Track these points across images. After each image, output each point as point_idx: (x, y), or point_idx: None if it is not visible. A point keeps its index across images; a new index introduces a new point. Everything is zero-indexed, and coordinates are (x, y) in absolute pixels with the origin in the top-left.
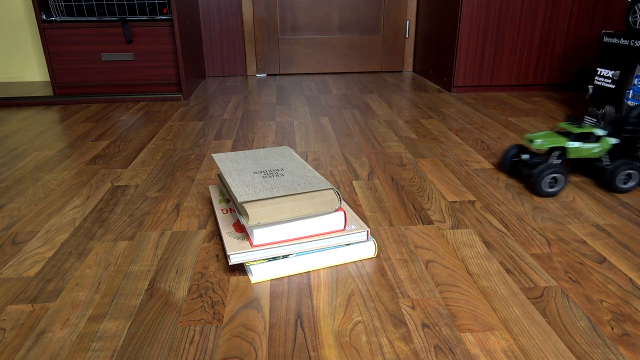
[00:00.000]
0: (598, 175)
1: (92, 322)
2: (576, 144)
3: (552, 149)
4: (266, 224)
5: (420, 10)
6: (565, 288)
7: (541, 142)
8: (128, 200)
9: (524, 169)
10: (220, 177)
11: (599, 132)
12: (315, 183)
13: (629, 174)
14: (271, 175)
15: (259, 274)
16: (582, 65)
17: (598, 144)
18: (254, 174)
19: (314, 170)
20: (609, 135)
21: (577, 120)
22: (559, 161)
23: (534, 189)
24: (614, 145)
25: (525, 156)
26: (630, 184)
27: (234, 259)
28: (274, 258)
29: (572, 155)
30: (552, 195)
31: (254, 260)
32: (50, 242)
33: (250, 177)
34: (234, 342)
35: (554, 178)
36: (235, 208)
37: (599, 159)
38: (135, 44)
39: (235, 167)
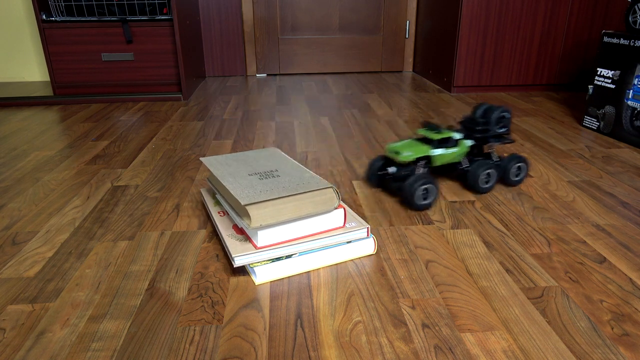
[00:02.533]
0: (460, 177)
1: (92, 322)
2: (440, 151)
3: (418, 159)
4: (268, 226)
5: (420, 10)
6: (565, 288)
7: (409, 153)
8: (128, 200)
9: (392, 183)
10: (210, 180)
11: (457, 135)
12: (314, 182)
13: (488, 173)
14: (267, 177)
15: (263, 275)
16: (582, 65)
17: (458, 148)
18: (249, 176)
19: (308, 170)
20: (465, 137)
21: (434, 126)
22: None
23: (408, 203)
24: (470, 147)
25: (391, 169)
26: (491, 183)
27: (238, 261)
28: (278, 258)
29: (437, 163)
30: (427, 207)
31: (258, 262)
32: (50, 242)
33: (247, 180)
34: (234, 342)
35: (426, 189)
36: (231, 211)
37: (459, 162)
38: (135, 44)
39: (228, 170)
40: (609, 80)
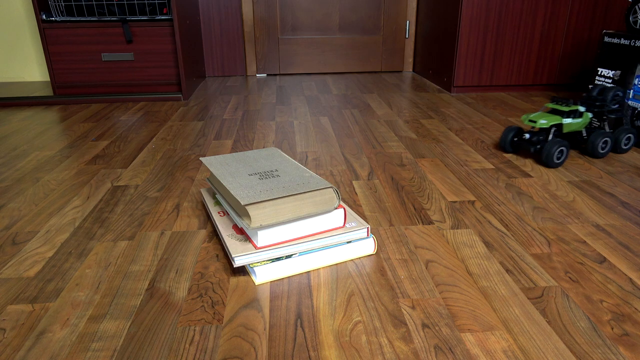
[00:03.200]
0: (577, 145)
1: (92, 322)
2: (569, 120)
3: (551, 126)
4: (268, 226)
5: (420, 10)
6: (565, 288)
7: (544, 121)
8: (128, 200)
9: (529, 146)
10: (210, 180)
11: (581, 108)
12: (314, 182)
13: (605, 141)
14: (267, 177)
15: (263, 275)
16: (582, 65)
17: (582, 119)
18: (249, 176)
19: (308, 170)
20: (586, 111)
21: (562, 100)
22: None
23: (546, 162)
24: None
25: (526, 135)
26: (606, 149)
27: (238, 261)
28: (278, 258)
29: (565, 130)
30: (560, 165)
31: (258, 262)
32: (50, 242)
33: (247, 179)
34: (234, 342)
35: (561, 151)
36: (231, 211)
37: (580, 132)
38: (135, 44)
39: (228, 170)
40: (610, 80)
